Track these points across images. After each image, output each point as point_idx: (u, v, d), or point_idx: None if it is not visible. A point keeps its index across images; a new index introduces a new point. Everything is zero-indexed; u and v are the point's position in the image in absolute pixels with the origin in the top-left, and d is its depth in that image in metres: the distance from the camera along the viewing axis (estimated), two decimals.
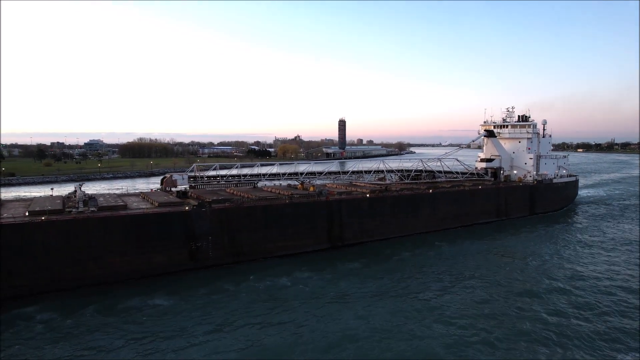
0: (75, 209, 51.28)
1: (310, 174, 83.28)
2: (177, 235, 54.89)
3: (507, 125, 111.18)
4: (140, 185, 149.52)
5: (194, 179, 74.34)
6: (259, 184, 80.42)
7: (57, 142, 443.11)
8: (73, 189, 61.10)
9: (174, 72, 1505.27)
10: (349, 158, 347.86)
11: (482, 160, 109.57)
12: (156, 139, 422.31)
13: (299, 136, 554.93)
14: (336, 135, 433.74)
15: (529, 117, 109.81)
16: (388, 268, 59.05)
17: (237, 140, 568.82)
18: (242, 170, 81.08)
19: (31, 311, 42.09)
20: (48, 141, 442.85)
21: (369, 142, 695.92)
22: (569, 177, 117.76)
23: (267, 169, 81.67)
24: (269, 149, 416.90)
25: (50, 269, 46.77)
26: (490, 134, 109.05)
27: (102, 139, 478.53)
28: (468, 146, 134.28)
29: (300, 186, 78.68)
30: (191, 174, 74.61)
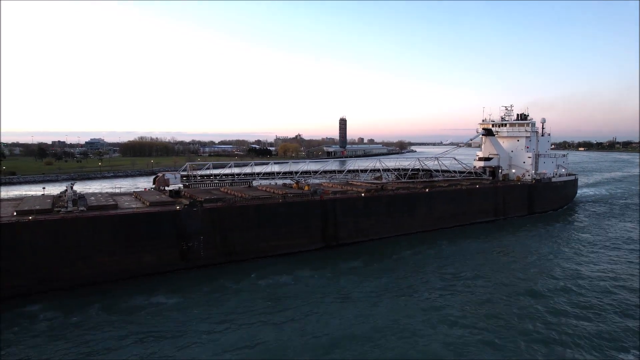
0: (64, 209, 50.87)
1: (305, 173, 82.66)
2: (167, 234, 54.43)
3: (506, 124, 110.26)
4: (141, 184, 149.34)
5: (186, 178, 73.81)
6: (254, 183, 79.95)
7: (59, 141, 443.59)
8: (64, 188, 60.63)
9: (175, 72, 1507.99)
10: (350, 157, 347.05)
11: (480, 159, 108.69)
12: (157, 138, 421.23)
13: (299, 135, 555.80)
14: (337, 134, 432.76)
15: (528, 116, 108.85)
16: (389, 267, 58.94)
17: (238, 139, 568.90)
18: (235, 169, 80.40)
19: (35, 310, 42.21)
20: (49, 140, 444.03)
21: (370, 141, 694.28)
22: (568, 176, 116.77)
23: (261, 168, 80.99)
24: (269, 148, 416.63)
25: (38, 269, 46.36)
26: (488, 132, 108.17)
27: (103, 137, 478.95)
28: (469, 145, 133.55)
29: (295, 185, 78.18)
30: (184, 173, 74.05)
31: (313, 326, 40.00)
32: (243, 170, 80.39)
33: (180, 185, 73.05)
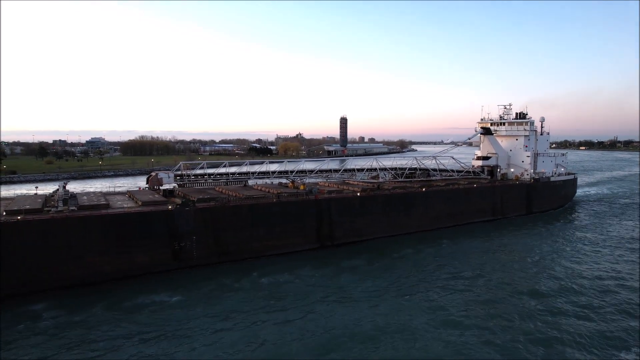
0: (55, 208, 50.49)
1: (301, 172, 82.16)
2: (159, 234, 54.03)
3: (504, 123, 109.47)
4: (141, 183, 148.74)
5: (180, 177, 73.40)
6: (250, 182, 79.50)
7: (59, 140, 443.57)
8: (56, 188, 60.31)
9: (176, 71, 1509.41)
10: (351, 156, 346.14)
11: (478, 158, 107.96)
12: (158, 137, 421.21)
13: (300, 134, 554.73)
14: (338, 133, 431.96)
15: (527, 115, 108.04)
16: (390, 265, 58.98)
17: (239, 138, 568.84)
18: (231, 168, 79.96)
19: (38, 309, 42.34)
20: (50, 139, 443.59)
21: (371, 140, 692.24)
22: (568, 175, 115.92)
23: (257, 167, 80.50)
24: (270, 147, 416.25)
25: (27, 269, 45.96)
26: (487, 131, 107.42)
27: (104, 137, 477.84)
28: (470, 144, 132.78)
29: (291, 184, 77.74)
30: (178, 172, 73.61)
31: (315, 325, 40.10)
32: (239, 169, 79.84)
33: (175, 185, 72.73)
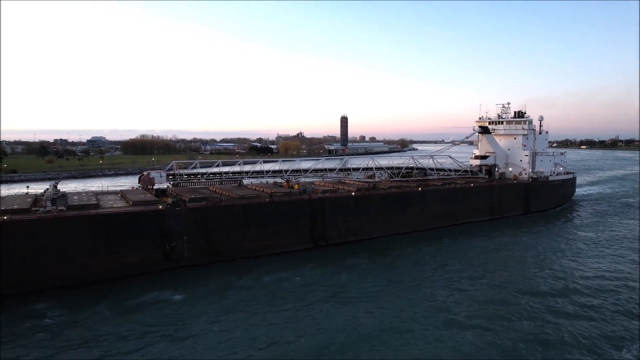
0: (43, 208, 50.04)
1: (296, 171, 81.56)
2: (149, 234, 53.55)
3: (502, 122, 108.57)
4: None
5: (173, 176, 72.89)
6: (245, 182, 78.96)
7: (60, 139, 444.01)
8: (47, 187, 59.87)
9: (176, 71, 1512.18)
10: (351, 155, 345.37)
11: (476, 157, 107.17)
12: (158, 136, 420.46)
13: (301, 133, 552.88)
14: (338, 132, 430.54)
15: (525, 113, 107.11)
16: (391, 264, 58.82)
17: (240, 137, 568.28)
18: (224, 168, 79.42)
19: (42, 308, 42.27)
20: (51, 138, 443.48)
21: (372, 139, 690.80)
22: (566, 174, 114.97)
23: (250, 166, 79.99)
24: (271, 146, 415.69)
25: (14, 270, 45.48)
26: (484, 130, 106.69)
27: (104, 136, 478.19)
28: (471, 143, 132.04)
29: (285, 184, 77.17)
30: (170, 172, 73.08)
31: (315, 324, 39.99)
32: (232, 168, 79.29)
33: (169, 184, 72.24)
